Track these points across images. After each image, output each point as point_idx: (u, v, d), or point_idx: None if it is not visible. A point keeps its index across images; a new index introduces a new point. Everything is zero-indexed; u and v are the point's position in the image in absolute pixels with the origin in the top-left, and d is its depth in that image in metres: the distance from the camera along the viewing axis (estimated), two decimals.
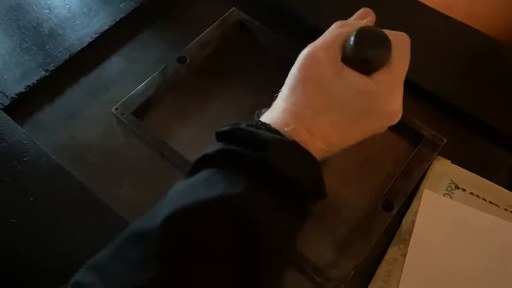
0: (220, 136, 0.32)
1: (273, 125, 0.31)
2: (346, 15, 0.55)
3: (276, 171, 0.29)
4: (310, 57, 0.33)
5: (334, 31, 0.35)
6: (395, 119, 0.35)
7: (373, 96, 0.33)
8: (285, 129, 0.31)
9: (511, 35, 0.77)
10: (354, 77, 0.33)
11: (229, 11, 0.53)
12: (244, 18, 0.53)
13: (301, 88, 0.33)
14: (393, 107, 0.34)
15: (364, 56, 0.33)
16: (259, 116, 0.34)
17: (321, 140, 0.32)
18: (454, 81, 0.50)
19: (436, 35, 0.53)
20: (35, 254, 0.39)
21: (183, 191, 0.30)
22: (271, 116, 0.33)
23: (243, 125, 0.31)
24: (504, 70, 0.51)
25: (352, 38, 0.33)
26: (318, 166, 0.32)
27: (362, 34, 0.33)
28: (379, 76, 0.33)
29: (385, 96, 0.33)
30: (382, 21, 0.54)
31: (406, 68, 0.35)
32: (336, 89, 0.32)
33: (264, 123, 0.32)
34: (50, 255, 0.39)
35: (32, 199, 0.41)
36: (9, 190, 0.42)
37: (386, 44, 0.33)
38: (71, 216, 0.41)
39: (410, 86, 0.49)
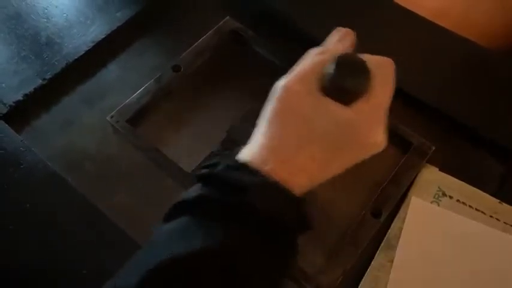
0: (199, 178, 0.30)
1: (252, 164, 0.30)
2: (339, 24, 0.56)
3: (259, 215, 0.28)
4: (286, 89, 0.32)
5: (310, 59, 0.33)
6: (378, 149, 0.33)
7: (353, 127, 0.31)
8: (265, 168, 0.29)
9: (507, 43, 0.78)
10: (333, 108, 0.31)
11: (223, 20, 0.54)
12: (238, 27, 0.54)
13: (278, 122, 0.31)
14: (374, 138, 0.32)
15: (342, 85, 0.31)
16: (236, 145, 0.32)
17: (302, 175, 0.31)
18: (442, 90, 0.50)
19: (426, 44, 0.54)
20: (31, 259, 0.40)
21: (160, 243, 0.28)
22: (249, 152, 0.31)
23: (222, 166, 0.30)
24: (493, 79, 0.52)
25: (330, 67, 0.32)
26: (302, 203, 0.30)
27: (339, 63, 0.32)
28: (359, 106, 0.31)
29: (366, 127, 0.32)
30: (375, 31, 0.55)
31: (389, 96, 0.33)
32: (314, 121, 0.31)
33: (243, 164, 0.30)
34: (46, 261, 0.40)
35: (28, 206, 0.42)
36: (6, 197, 0.42)
37: (365, 72, 0.32)
38: (67, 222, 0.42)
39: (400, 94, 0.50)
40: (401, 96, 0.49)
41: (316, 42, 0.53)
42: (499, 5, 0.79)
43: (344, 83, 0.32)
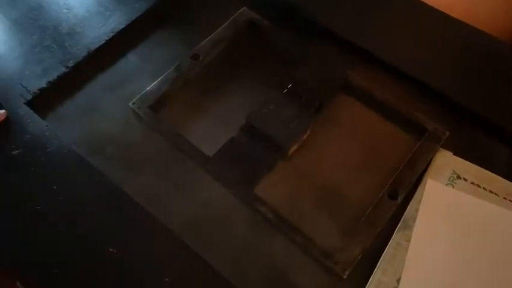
0: None
1: None
2: (351, 15, 0.57)
3: None
4: None
5: None
6: None
7: None
8: None
9: (510, 40, 0.79)
10: None
11: (240, 10, 0.56)
12: (254, 18, 0.55)
13: None
14: None
15: None
16: None
17: None
18: (456, 79, 0.52)
19: (438, 34, 0.55)
20: (59, 239, 0.42)
21: None
22: None
23: None
24: (502, 67, 0.53)
25: None
26: None
27: None
28: None
29: None
30: (388, 22, 0.56)
31: None
32: None
33: None
34: (73, 240, 0.41)
35: (55, 187, 0.43)
36: (34, 179, 0.44)
37: None
38: (92, 203, 0.43)
39: (415, 83, 0.51)
40: (417, 86, 0.51)
41: (329, 31, 0.55)
42: (503, 3, 0.80)
43: None
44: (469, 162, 0.45)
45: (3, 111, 0.47)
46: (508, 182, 0.44)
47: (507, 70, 0.53)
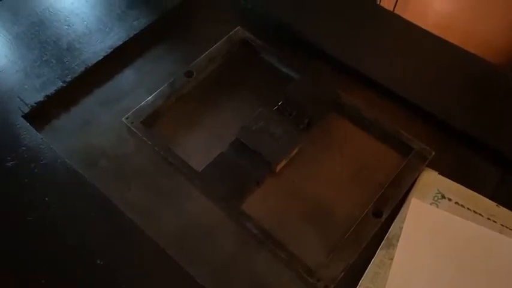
0: None
1: None
2: (343, 36, 0.59)
3: None
4: None
5: None
6: None
7: None
8: None
9: (506, 58, 0.80)
10: None
11: (234, 29, 0.57)
12: (248, 37, 0.57)
13: None
14: None
15: None
16: None
17: None
18: (443, 99, 0.53)
19: (428, 56, 0.56)
20: (49, 249, 0.42)
21: None
22: None
23: None
24: (490, 88, 0.54)
25: None
26: None
27: None
28: None
29: None
30: (379, 43, 0.58)
31: None
32: None
33: None
34: (63, 251, 0.42)
35: (47, 199, 0.44)
36: (26, 190, 0.45)
37: None
38: (83, 215, 0.44)
39: (402, 103, 0.52)
40: (404, 105, 0.52)
41: (320, 51, 0.56)
42: (500, 25, 0.81)
43: None
44: (453, 182, 0.46)
45: None
46: (492, 202, 0.45)
47: (494, 91, 0.54)
